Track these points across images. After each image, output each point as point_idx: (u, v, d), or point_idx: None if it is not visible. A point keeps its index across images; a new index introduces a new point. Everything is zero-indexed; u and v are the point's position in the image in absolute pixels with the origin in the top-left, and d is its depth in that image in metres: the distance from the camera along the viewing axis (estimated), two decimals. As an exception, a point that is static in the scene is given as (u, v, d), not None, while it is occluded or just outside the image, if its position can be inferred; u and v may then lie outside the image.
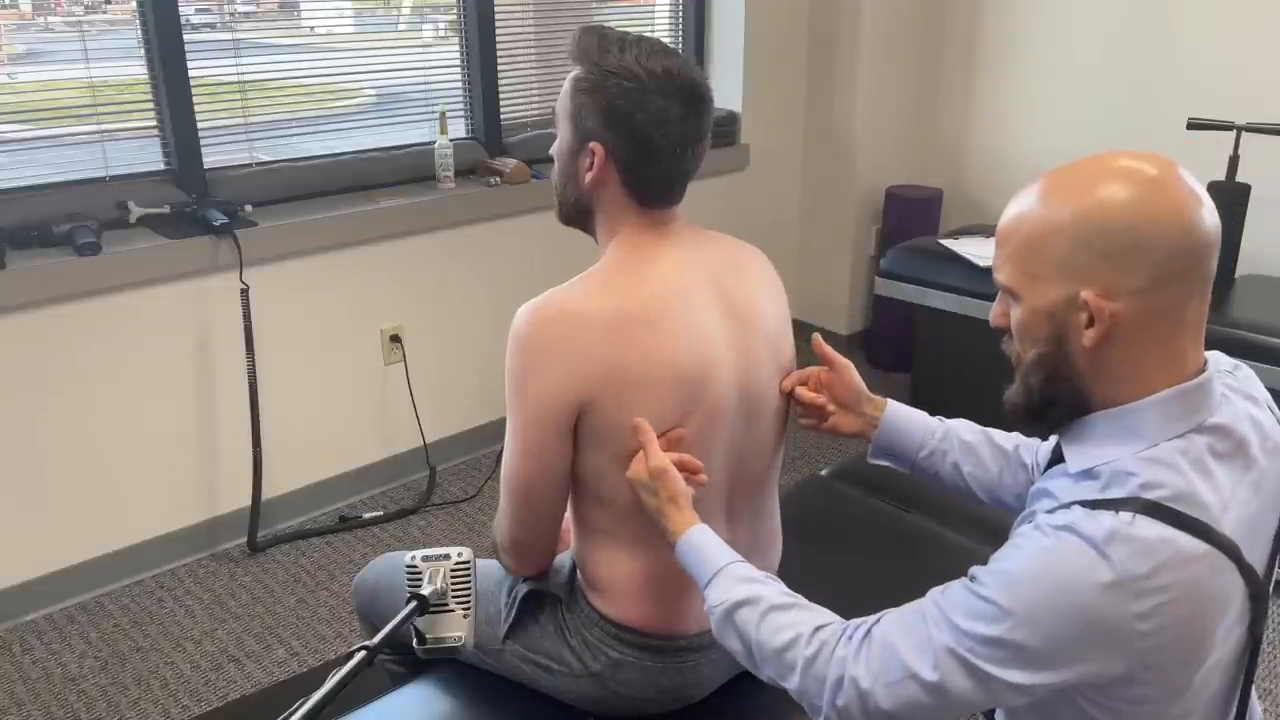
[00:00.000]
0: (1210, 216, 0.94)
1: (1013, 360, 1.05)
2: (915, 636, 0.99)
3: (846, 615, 1.08)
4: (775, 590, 1.14)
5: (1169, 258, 0.92)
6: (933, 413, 1.48)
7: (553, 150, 1.35)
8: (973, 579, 0.98)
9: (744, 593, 1.13)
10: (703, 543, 1.20)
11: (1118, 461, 0.96)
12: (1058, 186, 0.98)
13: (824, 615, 1.10)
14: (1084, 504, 0.94)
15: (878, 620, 1.04)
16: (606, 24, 3.47)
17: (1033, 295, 0.98)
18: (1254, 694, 1.10)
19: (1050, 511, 0.96)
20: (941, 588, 1.02)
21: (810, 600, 1.14)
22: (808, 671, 1.05)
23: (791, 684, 1.07)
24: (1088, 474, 0.99)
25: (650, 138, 1.24)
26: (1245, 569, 0.96)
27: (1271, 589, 1.03)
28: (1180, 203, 0.93)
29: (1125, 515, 0.91)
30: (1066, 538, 0.92)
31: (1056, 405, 1.02)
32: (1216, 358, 1.09)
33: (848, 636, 1.04)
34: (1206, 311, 0.98)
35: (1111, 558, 0.89)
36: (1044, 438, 1.19)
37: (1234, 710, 1.05)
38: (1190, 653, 0.94)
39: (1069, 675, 0.93)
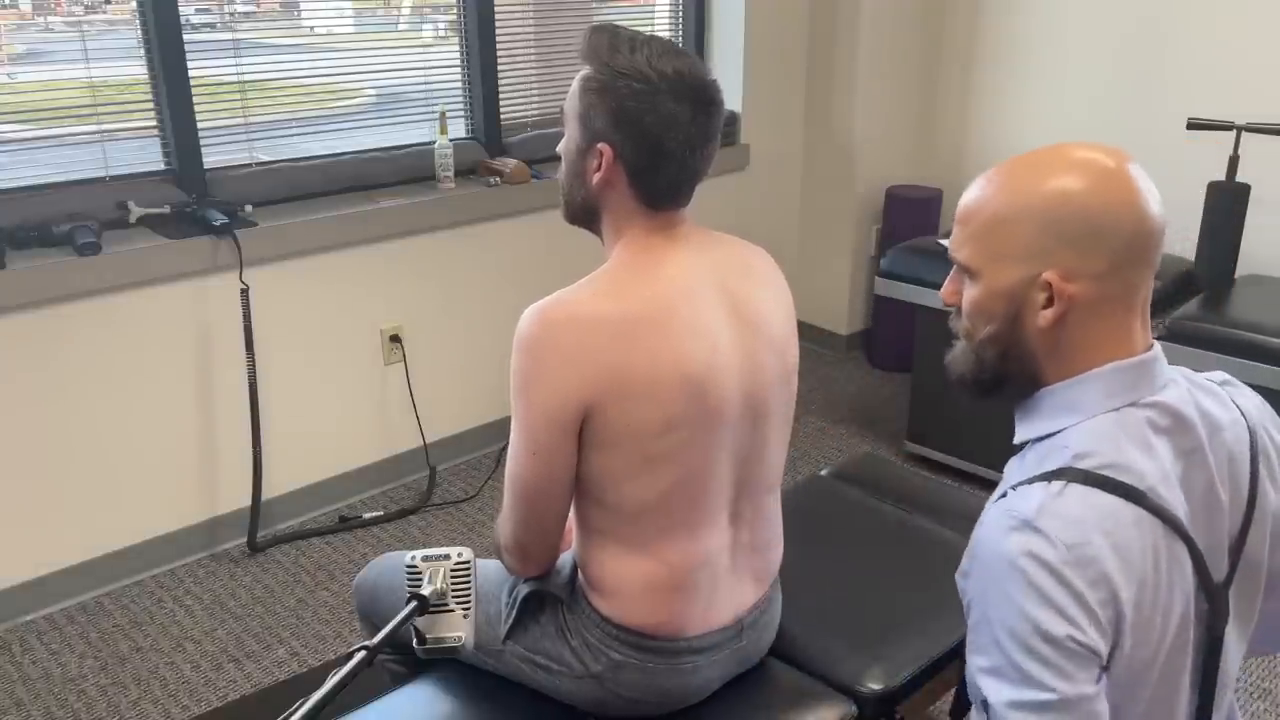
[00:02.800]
0: (1159, 208, 0.98)
1: (960, 335, 1.09)
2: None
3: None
4: None
5: (1126, 245, 0.97)
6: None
7: (560, 149, 1.35)
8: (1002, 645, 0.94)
9: None
10: None
11: (1058, 435, 1.01)
12: (1023, 172, 1.01)
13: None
14: (1020, 484, 0.99)
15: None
16: (613, 24, 3.48)
17: (993, 274, 1.02)
18: (1231, 699, 1.09)
19: (999, 499, 1.01)
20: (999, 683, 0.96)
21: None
22: None
23: None
24: (1031, 447, 1.03)
25: (660, 140, 1.24)
26: (1189, 541, 0.97)
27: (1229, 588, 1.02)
28: (1137, 194, 0.98)
29: (1055, 485, 0.95)
30: (1001, 520, 0.96)
31: (1008, 381, 1.06)
32: (1216, 375, 1.11)
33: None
34: (1151, 295, 1.03)
35: (1045, 531, 0.92)
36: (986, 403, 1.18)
37: (1192, 711, 1.04)
38: (1140, 624, 0.95)
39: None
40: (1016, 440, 1.06)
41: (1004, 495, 1.01)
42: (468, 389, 3.11)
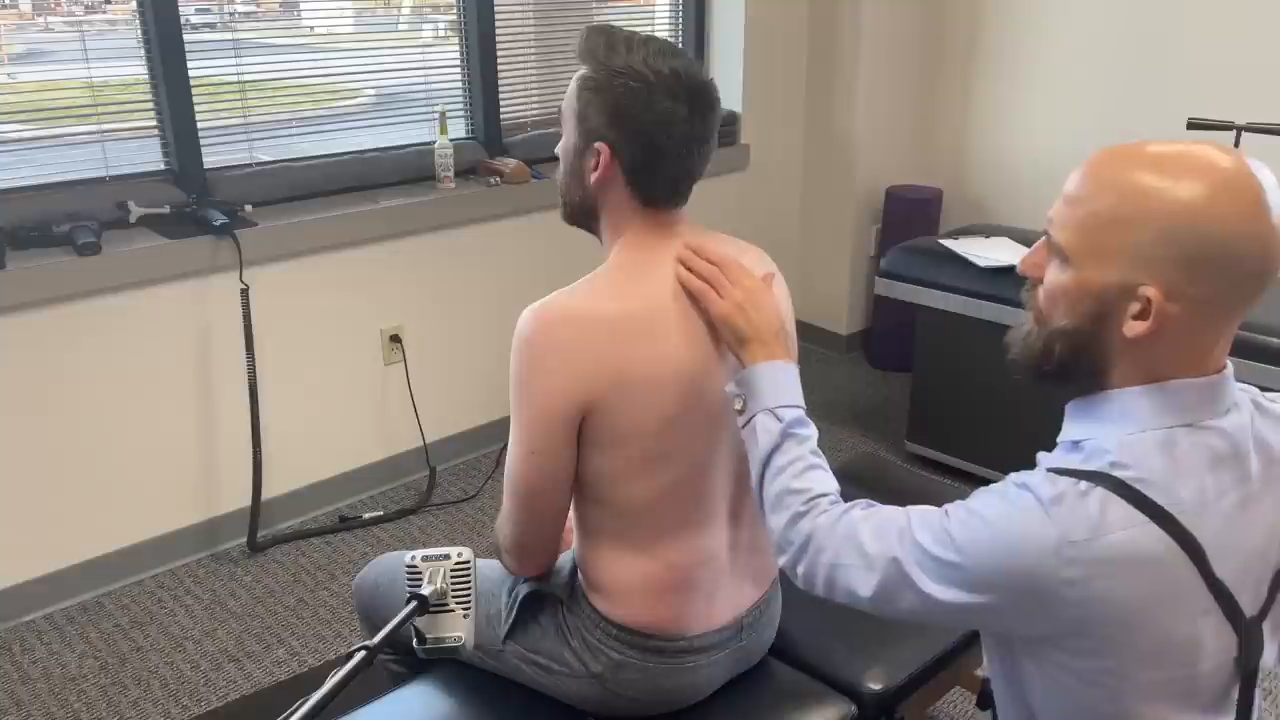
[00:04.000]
0: None
1: (1031, 311, 1.04)
2: (881, 537, 1.05)
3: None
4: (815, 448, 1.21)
5: (1246, 277, 0.91)
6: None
7: (558, 149, 1.35)
8: (946, 513, 1.02)
9: (807, 432, 1.20)
10: (790, 377, 1.23)
11: (1102, 439, 0.97)
12: (1162, 169, 0.92)
13: (832, 486, 1.17)
14: (1053, 469, 0.97)
15: (854, 507, 1.11)
16: (609, 24, 3.48)
17: (1089, 268, 0.95)
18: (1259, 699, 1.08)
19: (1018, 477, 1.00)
20: (921, 509, 1.06)
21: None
22: (792, 524, 1.13)
23: (773, 521, 1.17)
24: (1075, 446, 1.00)
25: (656, 138, 1.24)
26: (1208, 575, 0.94)
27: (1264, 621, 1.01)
28: (1269, 226, 0.90)
29: (1084, 485, 0.93)
30: (1023, 495, 0.96)
31: (1071, 378, 1.01)
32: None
33: (830, 511, 1.12)
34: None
35: (1054, 518, 0.92)
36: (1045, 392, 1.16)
37: None
38: (1133, 639, 0.94)
39: (996, 616, 0.98)
40: (1063, 438, 1.02)
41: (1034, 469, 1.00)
42: (468, 389, 3.11)
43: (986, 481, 1.12)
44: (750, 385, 1.22)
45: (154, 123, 2.51)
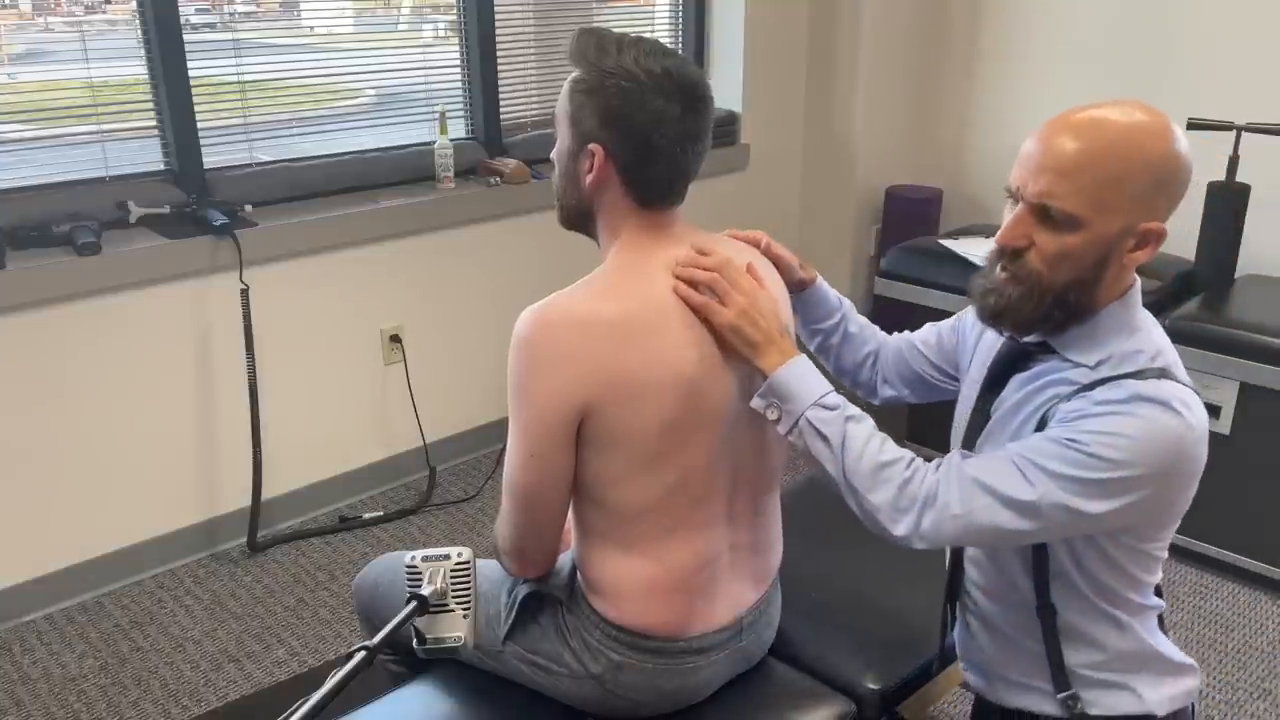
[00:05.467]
0: None
1: (1013, 276, 1.18)
2: (1007, 476, 1.15)
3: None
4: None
5: (1186, 186, 1.17)
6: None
7: (553, 155, 1.35)
8: (1069, 441, 1.12)
9: (859, 411, 1.28)
10: (812, 368, 1.29)
11: (1140, 343, 1.17)
12: (1129, 127, 1.13)
13: (908, 452, 1.24)
14: (1125, 376, 1.14)
15: (953, 458, 1.21)
16: (606, 25, 3.48)
17: (1100, 223, 1.13)
18: None
19: (1092, 387, 1.15)
20: (1018, 445, 1.17)
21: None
22: (904, 489, 1.20)
23: (878, 496, 1.21)
24: (1132, 356, 1.17)
25: (649, 137, 1.24)
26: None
27: None
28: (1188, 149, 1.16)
29: (1166, 383, 1.12)
30: (1146, 406, 1.10)
31: (1074, 317, 1.19)
32: None
33: (934, 467, 1.21)
34: None
35: (1179, 413, 1.11)
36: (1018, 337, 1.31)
37: None
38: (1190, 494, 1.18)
39: (1136, 509, 1.13)
40: (1091, 362, 1.18)
41: (1105, 382, 1.14)
42: (468, 389, 3.11)
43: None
44: (782, 392, 1.26)
45: (154, 123, 2.51)
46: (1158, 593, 1.30)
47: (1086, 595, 1.23)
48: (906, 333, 1.59)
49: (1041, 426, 1.18)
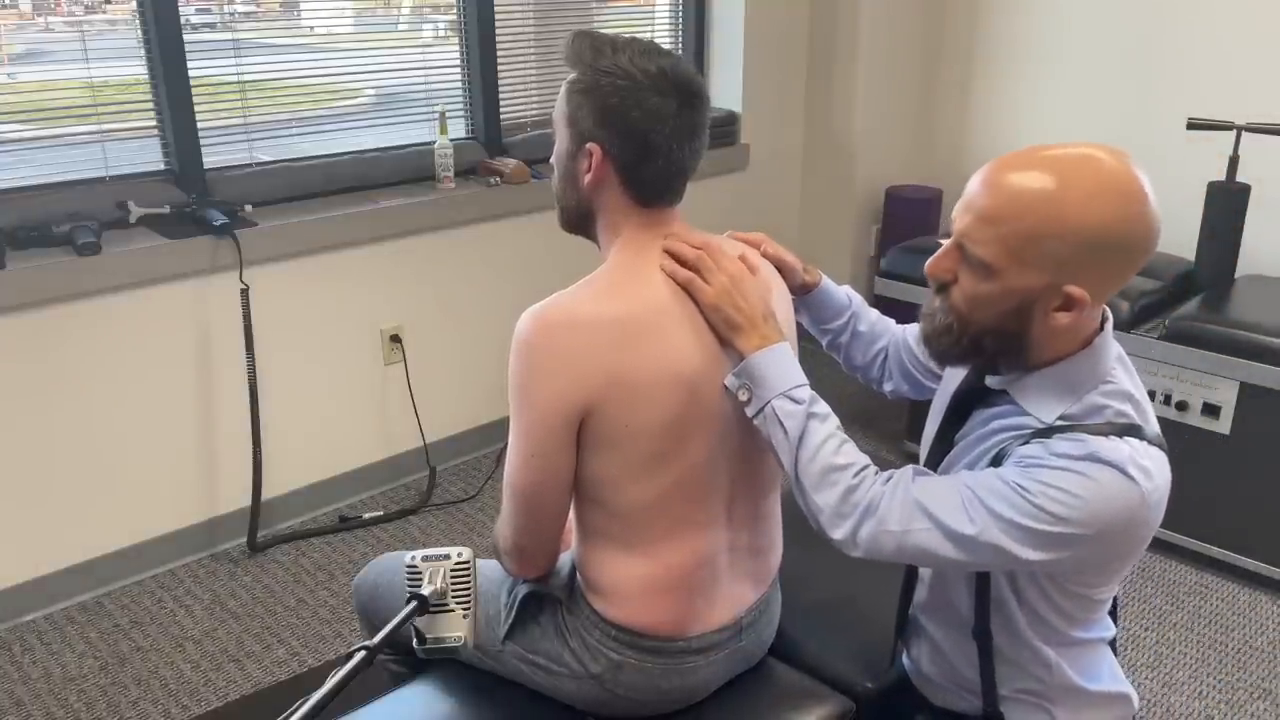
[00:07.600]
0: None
1: (941, 307, 1.16)
2: (951, 507, 1.14)
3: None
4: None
5: (1141, 256, 1.09)
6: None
7: (552, 158, 1.35)
8: (1018, 487, 1.10)
9: (826, 409, 1.26)
10: (790, 357, 1.28)
11: (1097, 399, 1.13)
12: (1067, 183, 1.06)
13: (866, 458, 1.24)
14: (1087, 429, 1.11)
15: (904, 473, 1.20)
16: (606, 25, 3.48)
17: (1013, 277, 1.08)
18: None
19: (1050, 433, 1.12)
20: (970, 476, 1.16)
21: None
22: (847, 497, 1.19)
23: (822, 498, 1.21)
24: (1094, 410, 1.13)
25: (646, 135, 1.24)
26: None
27: None
28: (1157, 221, 1.08)
29: (1128, 440, 1.09)
30: (1097, 467, 1.07)
31: (997, 362, 1.17)
32: None
33: (885, 479, 1.20)
34: None
35: (1134, 477, 1.07)
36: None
37: None
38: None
39: (1075, 562, 1.12)
40: (1049, 418, 1.15)
41: (1064, 433, 1.11)
42: (467, 389, 3.11)
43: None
44: (754, 374, 1.25)
45: (154, 123, 2.51)
46: (1114, 613, 1.31)
47: (1021, 629, 1.23)
48: (912, 325, 1.59)
49: (997, 462, 1.17)
